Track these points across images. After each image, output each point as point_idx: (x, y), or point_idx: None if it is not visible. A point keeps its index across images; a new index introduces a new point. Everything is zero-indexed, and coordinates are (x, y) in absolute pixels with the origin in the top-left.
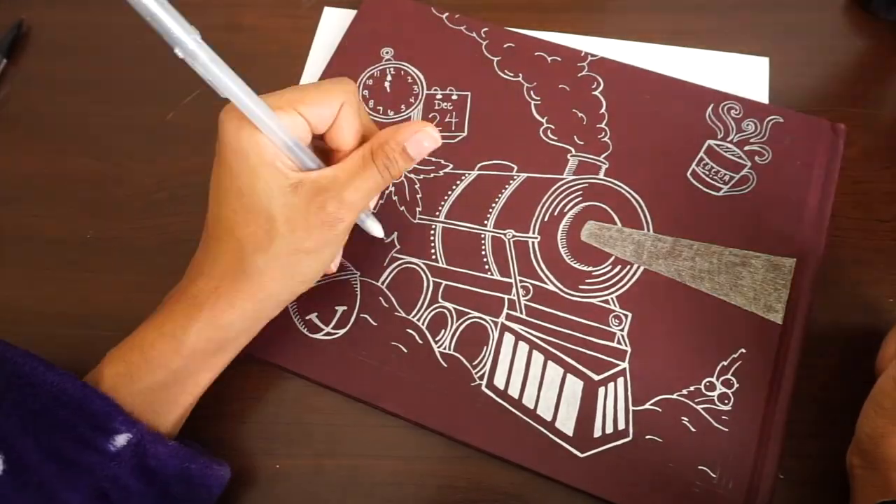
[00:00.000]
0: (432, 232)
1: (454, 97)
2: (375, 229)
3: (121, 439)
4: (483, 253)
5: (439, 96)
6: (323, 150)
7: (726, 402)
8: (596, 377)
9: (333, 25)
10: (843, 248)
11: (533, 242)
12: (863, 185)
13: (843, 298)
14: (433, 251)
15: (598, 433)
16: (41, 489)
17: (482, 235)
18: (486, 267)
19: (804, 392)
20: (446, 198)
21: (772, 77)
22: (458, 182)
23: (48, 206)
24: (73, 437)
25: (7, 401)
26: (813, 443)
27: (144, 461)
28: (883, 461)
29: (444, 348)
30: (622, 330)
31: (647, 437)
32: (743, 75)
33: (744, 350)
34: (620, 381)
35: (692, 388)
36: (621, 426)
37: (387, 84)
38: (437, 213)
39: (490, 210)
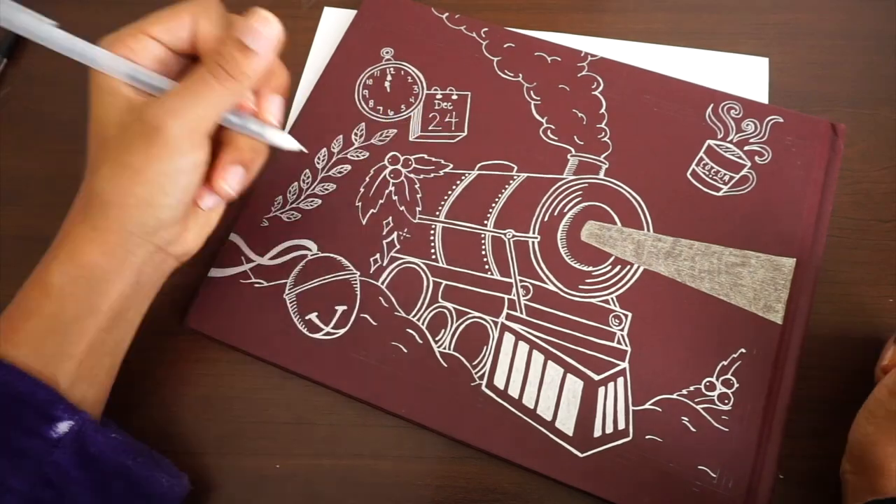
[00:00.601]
0: (432, 232)
1: (454, 97)
2: (282, 140)
3: (63, 426)
4: (483, 253)
5: (439, 96)
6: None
7: (726, 401)
8: (596, 377)
9: (333, 25)
10: (843, 249)
11: (533, 242)
12: (863, 185)
13: (843, 298)
14: (433, 251)
15: (598, 433)
16: None
17: (482, 235)
18: (486, 267)
19: (804, 392)
20: (446, 197)
21: (772, 77)
22: (458, 182)
23: (48, 206)
24: (19, 426)
25: None
26: (813, 443)
27: (85, 448)
28: (871, 468)
29: (444, 348)
30: (622, 330)
31: (647, 436)
32: (743, 75)
33: (744, 350)
34: (620, 380)
35: (692, 388)
36: (621, 426)
37: (387, 84)
38: (437, 213)
39: (490, 210)
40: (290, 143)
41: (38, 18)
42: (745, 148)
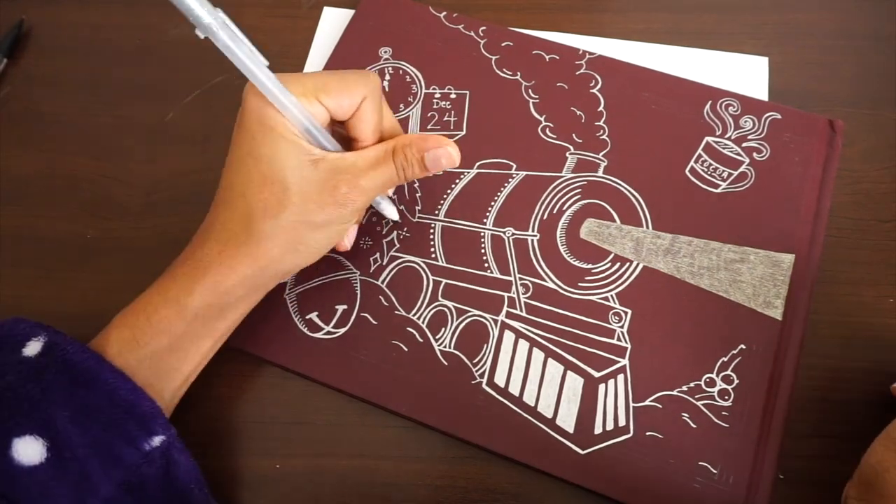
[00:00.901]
0: (432, 230)
1: (452, 96)
2: (390, 211)
3: (156, 440)
4: (483, 251)
5: (437, 95)
6: (342, 137)
7: (726, 398)
8: (596, 374)
9: (333, 25)
10: (842, 248)
11: (532, 240)
12: (863, 185)
13: (843, 298)
14: (433, 250)
15: (598, 430)
16: (81, 475)
17: (482, 234)
18: (486, 265)
19: (804, 392)
20: (445, 196)
21: (771, 77)
22: (457, 181)
23: (48, 206)
24: (120, 432)
25: (60, 391)
26: (813, 443)
27: (169, 466)
28: (880, 496)
29: (445, 346)
30: (622, 327)
31: (648, 433)
32: (742, 75)
33: (743, 346)
34: (621, 377)
35: (692, 385)
36: (622, 423)
37: (385, 83)
38: (437, 212)
39: (489, 208)
40: (395, 216)
41: (256, 55)
42: (744, 144)
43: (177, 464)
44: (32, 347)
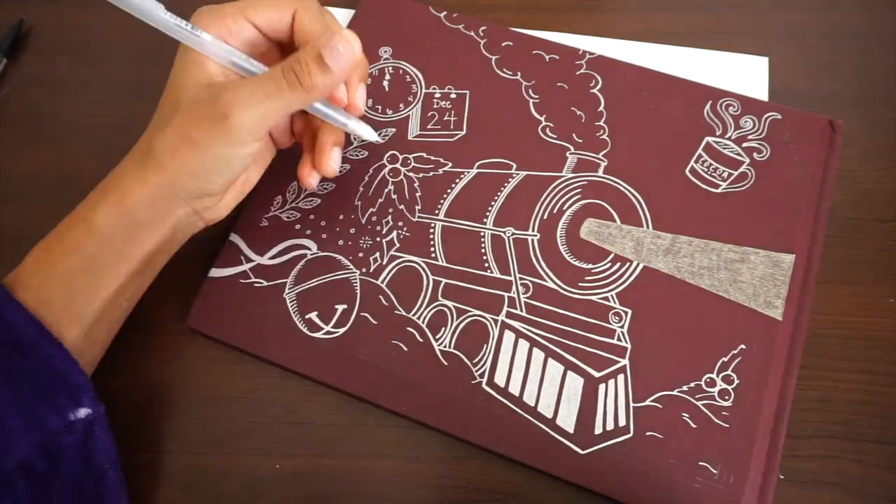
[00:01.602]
0: (431, 230)
1: (452, 96)
2: (364, 131)
3: (81, 412)
4: (483, 251)
5: (438, 95)
6: None
7: (727, 398)
8: (596, 374)
9: None
10: (843, 248)
11: (532, 240)
12: (863, 185)
13: (844, 298)
14: (433, 249)
15: (598, 430)
16: (1, 432)
17: (482, 233)
18: (486, 265)
19: (804, 392)
20: (445, 196)
21: (771, 77)
22: (457, 180)
23: (48, 206)
24: (47, 399)
25: None
26: (813, 443)
27: (89, 439)
28: None
29: (445, 346)
30: (622, 327)
31: (648, 433)
32: (742, 75)
33: (744, 346)
34: (621, 377)
35: (692, 385)
36: (622, 423)
37: (385, 83)
38: (437, 212)
39: (489, 208)
40: (370, 135)
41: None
42: (744, 145)
43: (97, 440)
44: None
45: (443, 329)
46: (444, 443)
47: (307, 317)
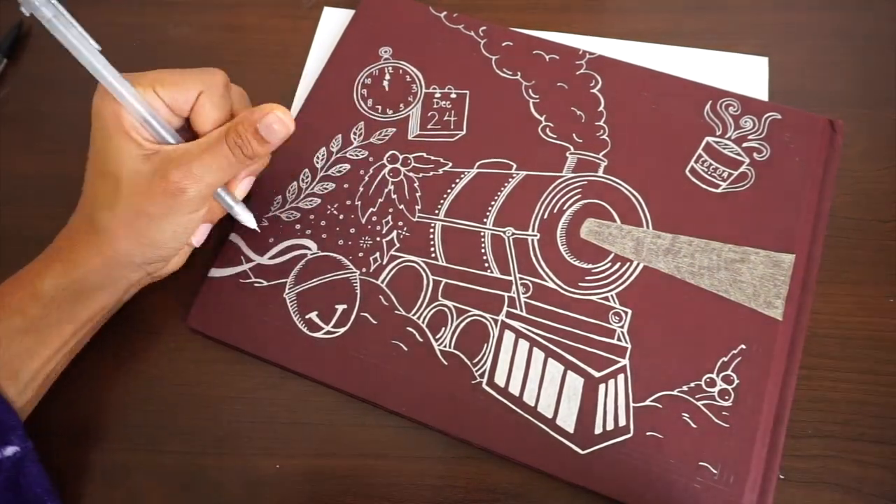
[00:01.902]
0: (432, 230)
1: (453, 96)
2: (245, 218)
3: (9, 451)
4: (483, 251)
5: (438, 95)
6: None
7: (727, 397)
8: (596, 374)
9: (333, 25)
10: (843, 248)
11: (532, 240)
12: (863, 184)
13: (843, 298)
14: (433, 249)
15: (598, 430)
16: None
17: (482, 233)
18: (486, 265)
19: (804, 391)
20: (445, 196)
21: (771, 77)
22: (457, 180)
23: (48, 206)
24: None
25: None
26: (813, 443)
27: (18, 474)
28: None
29: (445, 346)
30: (622, 327)
31: (648, 433)
32: (742, 75)
33: (744, 346)
34: (621, 377)
35: (692, 385)
36: (622, 423)
37: (385, 83)
38: (437, 212)
39: (489, 208)
40: (251, 223)
41: (87, 38)
42: (744, 145)
43: (28, 475)
44: None
45: (443, 329)
46: (445, 442)
47: (307, 317)
